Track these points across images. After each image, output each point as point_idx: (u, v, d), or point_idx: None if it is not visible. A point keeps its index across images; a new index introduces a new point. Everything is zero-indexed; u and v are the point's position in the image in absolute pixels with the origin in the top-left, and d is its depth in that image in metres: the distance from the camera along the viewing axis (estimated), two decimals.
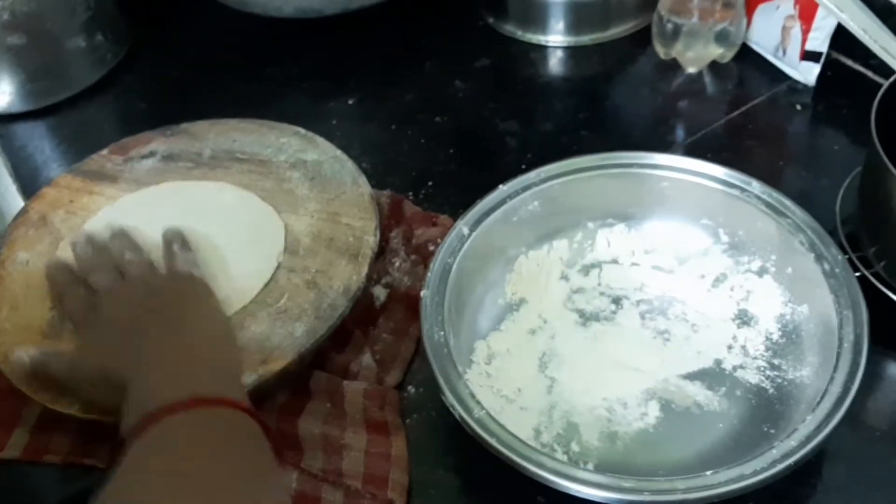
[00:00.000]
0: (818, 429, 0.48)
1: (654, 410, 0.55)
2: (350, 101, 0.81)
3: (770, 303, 0.58)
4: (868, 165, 0.59)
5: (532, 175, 0.62)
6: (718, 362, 0.57)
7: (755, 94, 0.77)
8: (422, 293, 0.56)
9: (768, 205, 0.58)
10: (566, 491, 0.47)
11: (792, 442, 0.47)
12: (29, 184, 0.74)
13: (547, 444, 0.53)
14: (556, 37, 0.84)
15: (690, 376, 0.56)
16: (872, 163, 0.56)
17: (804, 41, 0.74)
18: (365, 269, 0.59)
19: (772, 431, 0.52)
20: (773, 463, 0.46)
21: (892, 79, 0.59)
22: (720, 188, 0.60)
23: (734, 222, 0.60)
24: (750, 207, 0.59)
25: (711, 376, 0.56)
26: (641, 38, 0.82)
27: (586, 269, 0.62)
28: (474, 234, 0.59)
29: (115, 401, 0.48)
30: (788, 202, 0.58)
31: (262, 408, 0.53)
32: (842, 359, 0.51)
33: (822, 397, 0.49)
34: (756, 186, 0.59)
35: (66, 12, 0.80)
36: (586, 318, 0.60)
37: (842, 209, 0.63)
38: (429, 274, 0.57)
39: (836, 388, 0.49)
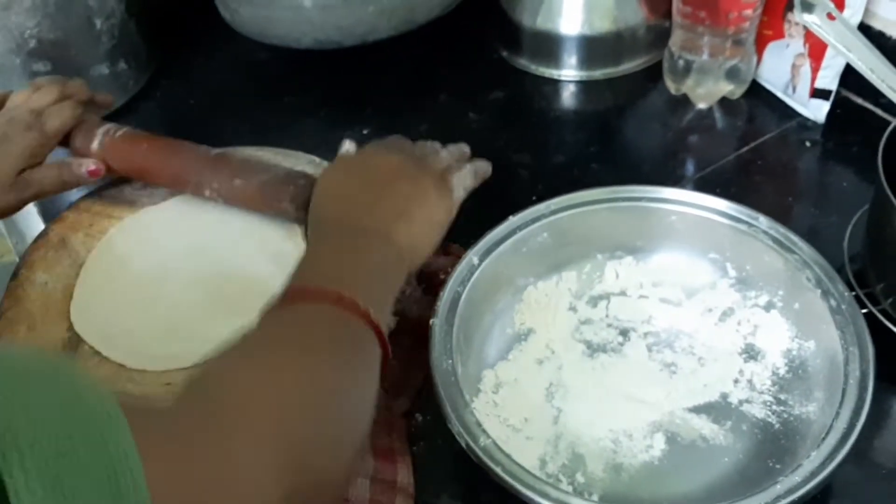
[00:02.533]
0: (823, 465, 0.48)
1: (659, 443, 0.55)
2: (365, 131, 0.82)
3: (777, 338, 0.59)
4: (875, 203, 0.59)
5: (542, 207, 0.63)
6: (725, 396, 0.57)
7: (765, 131, 0.78)
8: (431, 321, 0.56)
9: (776, 240, 0.59)
10: None
11: (796, 477, 0.47)
12: (49, 206, 0.75)
13: (552, 474, 0.54)
14: (568, 71, 0.85)
15: (696, 409, 0.56)
16: (879, 201, 0.57)
17: (814, 79, 0.75)
18: None
19: (777, 466, 0.52)
20: (778, 498, 0.46)
21: None
22: (728, 223, 0.60)
23: (742, 257, 0.61)
24: (757, 243, 0.59)
25: (717, 410, 0.56)
26: (653, 74, 0.83)
27: (594, 301, 0.63)
28: (484, 263, 0.60)
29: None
30: (796, 238, 0.59)
31: None
32: (847, 395, 0.51)
33: (828, 433, 0.49)
34: (763, 222, 0.60)
35: (91, 40, 0.82)
36: (594, 349, 0.60)
37: (850, 246, 0.63)
38: (438, 302, 0.57)
39: (841, 425, 0.49)
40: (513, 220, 0.62)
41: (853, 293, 0.56)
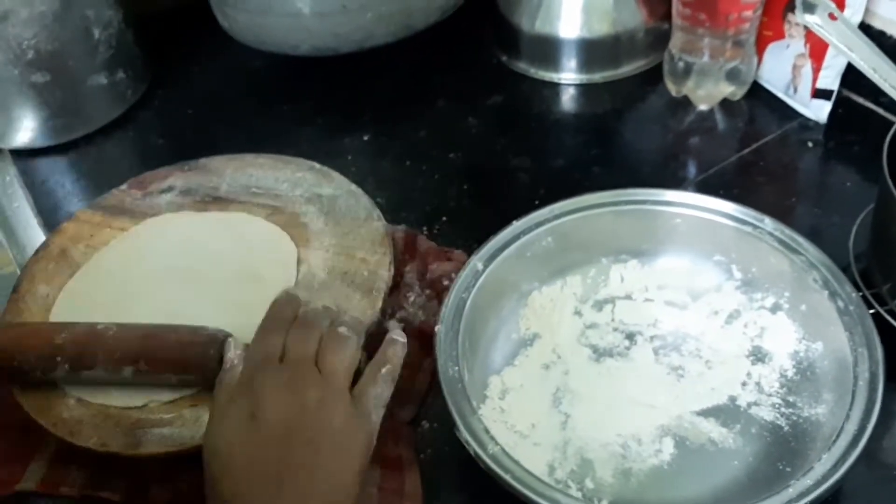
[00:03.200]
0: (835, 467, 0.47)
1: (668, 447, 0.54)
2: (365, 137, 0.82)
3: (784, 339, 0.58)
4: (880, 203, 0.59)
5: (545, 211, 0.62)
6: (733, 399, 0.57)
7: (766, 132, 0.77)
8: (436, 328, 0.56)
9: (781, 242, 0.59)
10: None
11: (808, 480, 0.47)
12: (50, 218, 0.75)
13: (561, 480, 0.53)
14: (568, 74, 0.85)
15: (705, 413, 0.56)
16: (884, 200, 0.57)
17: (815, 79, 0.75)
18: (379, 304, 0.60)
19: (787, 469, 0.52)
20: (791, 502, 0.46)
21: None
22: (732, 225, 0.60)
23: (747, 259, 0.61)
24: (762, 244, 0.59)
25: (726, 413, 0.56)
26: (653, 76, 0.83)
27: (600, 305, 0.63)
28: (488, 269, 0.60)
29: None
30: (801, 239, 0.58)
31: None
32: (857, 396, 0.50)
33: (838, 435, 0.49)
34: (768, 223, 0.59)
35: (89, 51, 0.82)
36: (600, 353, 0.60)
37: (855, 246, 0.63)
38: (443, 309, 0.57)
39: (851, 427, 0.49)
40: (516, 225, 0.62)
41: (860, 294, 0.56)
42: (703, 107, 0.79)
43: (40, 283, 0.65)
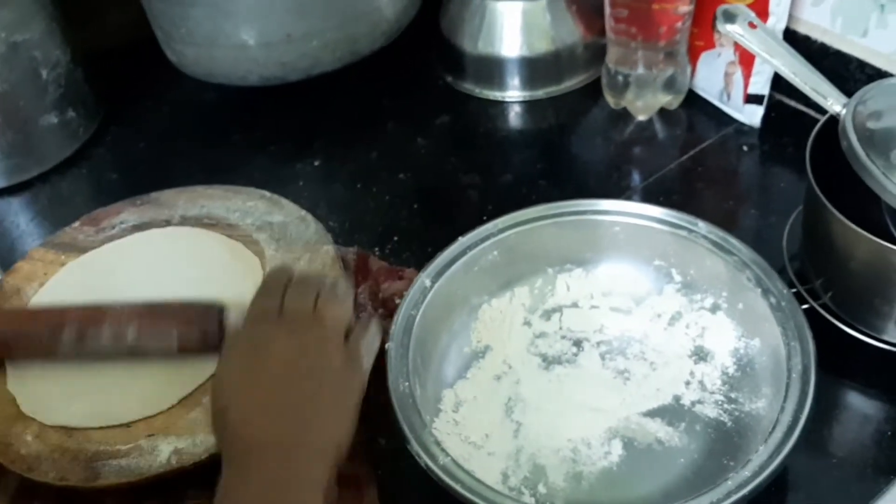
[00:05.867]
0: (770, 458, 0.49)
1: (617, 449, 0.56)
2: (315, 163, 0.83)
3: (724, 338, 0.60)
4: (807, 202, 0.61)
5: (490, 226, 0.64)
6: (677, 398, 0.58)
7: (704, 138, 0.80)
8: (386, 346, 0.57)
9: (715, 244, 0.61)
10: None
11: (746, 472, 0.49)
12: (7, 258, 0.75)
13: (515, 487, 0.55)
14: (512, 92, 0.87)
15: (651, 413, 0.58)
16: (810, 199, 0.59)
17: (746, 85, 0.77)
18: None
19: (731, 463, 0.54)
20: (729, 494, 0.48)
21: (825, 117, 0.62)
22: (669, 230, 0.62)
23: (685, 262, 0.63)
24: (698, 247, 0.61)
25: (671, 412, 0.58)
26: (592, 90, 0.85)
27: (548, 314, 0.64)
28: (437, 285, 0.61)
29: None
30: (733, 240, 0.60)
31: None
32: (791, 389, 0.52)
33: (774, 427, 0.51)
34: (702, 227, 0.62)
35: (38, 91, 0.82)
36: (549, 361, 0.62)
37: (789, 244, 0.65)
38: (393, 326, 0.58)
39: (786, 418, 0.51)
40: (462, 241, 0.63)
41: (794, 290, 0.58)
42: (642, 117, 0.82)
43: None
